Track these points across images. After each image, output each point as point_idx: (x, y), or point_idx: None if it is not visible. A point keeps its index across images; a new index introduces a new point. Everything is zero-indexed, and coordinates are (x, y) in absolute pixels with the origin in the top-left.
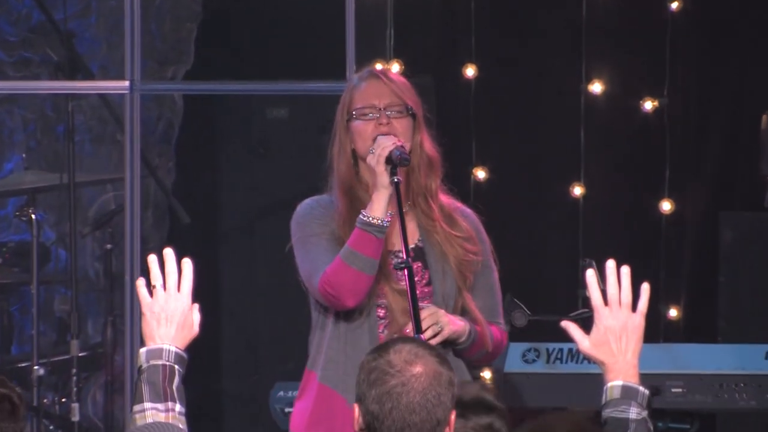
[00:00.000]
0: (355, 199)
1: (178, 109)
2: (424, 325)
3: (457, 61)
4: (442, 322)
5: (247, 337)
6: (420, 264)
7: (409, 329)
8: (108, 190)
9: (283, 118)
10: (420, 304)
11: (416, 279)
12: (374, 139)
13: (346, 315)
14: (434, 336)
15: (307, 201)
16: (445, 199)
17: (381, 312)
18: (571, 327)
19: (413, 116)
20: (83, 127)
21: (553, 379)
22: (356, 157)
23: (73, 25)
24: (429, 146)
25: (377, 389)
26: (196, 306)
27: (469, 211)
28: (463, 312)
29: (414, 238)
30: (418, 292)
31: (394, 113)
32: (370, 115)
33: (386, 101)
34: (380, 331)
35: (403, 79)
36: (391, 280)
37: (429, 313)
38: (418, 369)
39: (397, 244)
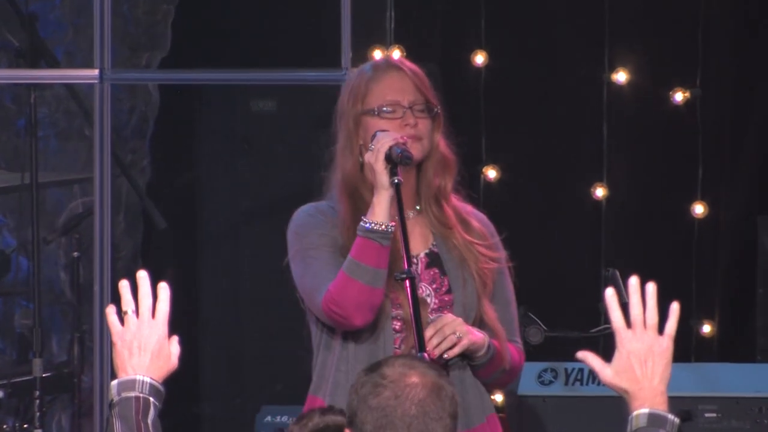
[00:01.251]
0: (360, 201)
1: (153, 100)
2: (438, 338)
3: (466, 48)
4: (461, 332)
5: (229, 356)
6: (437, 270)
7: (431, 334)
8: (75, 192)
9: (270, 111)
10: (439, 313)
11: (434, 287)
12: (373, 135)
13: (355, 332)
14: (452, 347)
15: (305, 207)
16: (456, 201)
17: (397, 325)
18: (589, 357)
19: (434, 117)
20: (47, 121)
21: (573, 402)
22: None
23: (36, 7)
24: (444, 146)
25: (370, 402)
26: (175, 338)
27: (482, 215)
28: (481, 325)
29: (428, 242)
30: (437, 301)
31: (420, 112)
32: (393, 113)
33: (411, 98)
34: (396, 346)
35: (422, 72)
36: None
37: (447, 322)
38: (413, 379)
39: (412, 249)
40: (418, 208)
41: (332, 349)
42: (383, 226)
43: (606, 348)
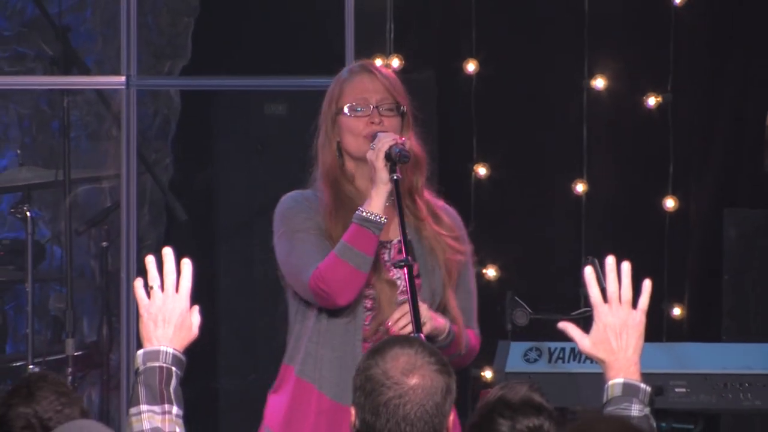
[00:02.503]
0: (340, 191)
1: (174, 104)
2: (405, 320)
3: (459, 57)
4: (426, 317)
5: (244, 336)
6: (409, 258)
7: (395, 318)
8: (104, 187)
9: (282, 114)
10: (401, 300)
11: (404, 271)
12: (374, 136)
13: (331, 310)
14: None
15: (291, 194)
16: (429, 196)
17: (368, 303)
18: (569, 327)
19: (403, 115)
20: (79, 123)
21: (556, 378)
22: (341, 150)
23: (68, 19)
24: (415, 145)
25: (373, 400)
26: (196, 308)
27: (452, 210)
28: (444, 311)
29: (399, 232)
30: (406, 284)
31: (385, 110)
32: (361, 110)
33: (378, 97)
34: (366, 323)
35: (393, 75)
36: (381, 271)
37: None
38: (414, 381)
39: (388, 235)
40: (393, 198)
41: (306, 321)
42: (378, 218)
43: (585, 329)
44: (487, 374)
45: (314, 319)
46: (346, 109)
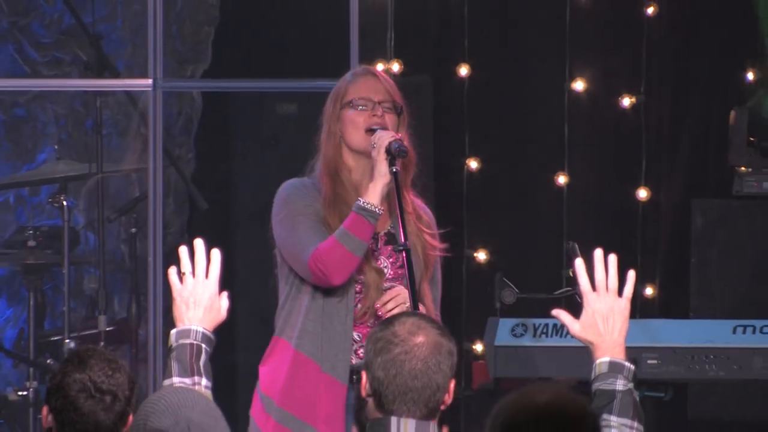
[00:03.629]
0: (339, 182)
1: (196, 105)
2: (393, 303)
3: (452, 62)
4: (403, 297)
5: (259, 314)
6: (391, 247)
7: (385, 300)
8: (133, 179)
9: (292, 113)
10: (392, 283)
11: (391, 261)
12: (374, 131)
13: (325, 290)
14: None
15: (291, 181)
16: (411, 195)
17: (358, 287)
18: (561, 314)
19: (399, 114)
20: (110, 122)
21: (540, 351)
22: (342, 144)
23: (101, 28)
24: (408, 142)
25: (383, 357)
26: (225, 294)
27: (428, 210)
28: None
29: (386, 224)
30: (392, 272)
31: (386, 108)
32: (363, 106)
33: (380, 97)
34: (355, 304)
35: (392, 81)
36: (370, 259)
37: (400, 292)
38: (420, 339)
39: (376, 227)
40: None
41: (300, 301)
42: (375, 208)
43: (568, 306)
44: (478, 347)
45: (309, 298)
46: (351, 105)
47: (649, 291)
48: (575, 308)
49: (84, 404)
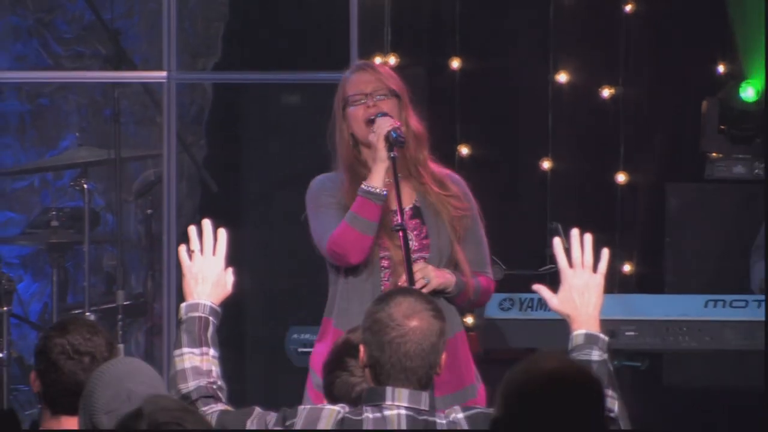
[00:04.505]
0: (356, 174)
1: (207, 95)
2: (416, 278)
3: (445, 55)
4: (430, 276)
5: (266, 289)
6: (418, 221)
7: (403, 280)
8: (148, 164)
9: (296, 103)
10: (415, 257)
11: (415, 233)
12: (373, 120)
13: (354, 271)
14: (423, 288)
15: (319, 177)
16: (436, 167)
17: (385, 263)
18: (541, 289)
19: (398, 97)
20: (127, 111)
21: (526, 323)
22: (355, 139)
23: (119, 24)
24: (415, 122)
25: (379, 338)
26: (231, 269)
27: (457, 176)
28: (456, 265)
29: (411, 200)
30: (417, 244)
31: (380, 97)
32: (361, 101)
33: (372, 87)
34: (385, 279)
35: (387, 69)
36: (394, 237)
37: (419, 268)
38: (414, 323)
39: (404, 202)
40: (400, 175)
41: (338, 283)
42: (378, 190)
43: (551, 282)
44: (469, 320)
45: (342, 280)
46: (349, 102)
47: (627, 268)
48: (557, 283)
49: (65, 365)
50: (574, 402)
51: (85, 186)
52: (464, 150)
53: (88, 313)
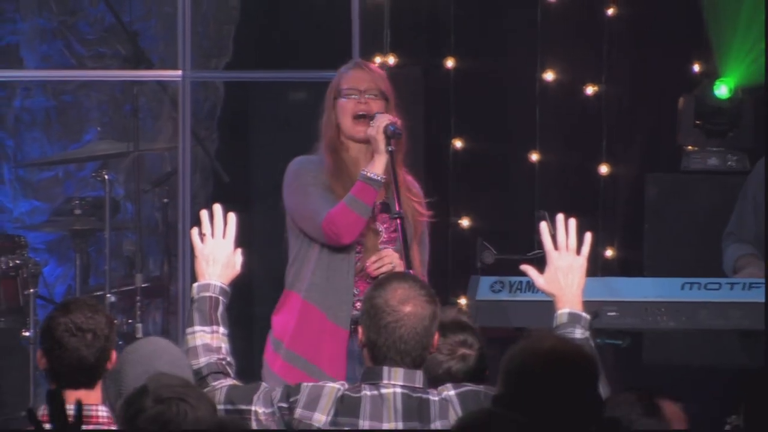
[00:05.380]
0: (339, 158)
1: (219, 92)
2: (378, 263)
3: (440, 55)
4: (395, 262)
5: (273, 272)
6: (386, 215)
7: (372, 260)
8: (165, 156)
9: (302, 99)
10: (385, 246)
11: (385, 226)
12: (361, 117)
13: (330, 248)
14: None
15: (300, 158)
16: (403, 170)
17: (358, 248)
18: (528, 269)
19: (386, 100)
20: (145, 107)
21: (515, 305)
22: (339, 128)
23: (137, 27)
24: (401, 126)
25: (376, 322)
26: (239, 251)
27: (416, 183)
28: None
29: (382, 196)
30: (386, 236)
31: (371, 96)
32: (354, 96)
33: (365, 86)
34: (356, 261)
35: (380, 71)
36: (370, 222)
37: (387, 254)
38: (408, 309)
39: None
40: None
41: (309, 258)
42: (379, 177)
43: (538, 266)
44: (462, 302)
45: (317, 256)
46: (342, 94)
47: (609, 253)
48: (544, 267)
49: (68, 342)
50: (571, 379)
51: (106, 177)
52: (458, 143)
53: (108, 295)
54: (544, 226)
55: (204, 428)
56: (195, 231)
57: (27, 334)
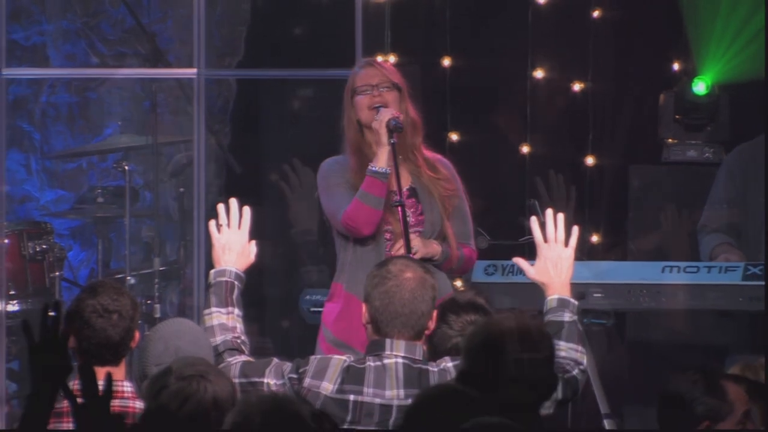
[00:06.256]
0: (362, 156)
1: (232, 89)
2: (403, 250)
3: (437, 54)
4: (417, 247)
5: (283, 256)
6: (414, 200)
7: (397, 248)
8: (181, 148)
9: (309, 95)
10: (412, 231)
11: (412, 210)
12: (377, 110)
13: (362, 242)
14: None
15: (328, 160)
16: (429, 152)
17: (388, 235)
18: (520, 262)
19: (399, 90)
20: (163, 103)
21: (507, 286)
22: (361, 125)
23: (156, 28)
24: (413, 112)
25: (379, 289)
26: (254, 242)
27: (446, 161)
28: (444, 237)
29: (408, 181)
30: (414, 220)
31: (384, 89)
32: (367, 91)
33: (377, 80)
34: (387, 249)
35: (390, 65)
36: (394, 213)
37: (410, 239)
38: (408, 274)
39: (394, 186)
40: (400, 157)
41: (347, 251)
42: (383, 170)
43: (528, 251)
44: (458, 283)
45: (352, 250)
46: (357, 92)
47: (594, 238)
48: (533, 251)
49: (96, 322)
50: (527, 354)
51: (126, 167)
52: (454, 136)
53: (128, 278)
54: (534, 220)
55: (223, 401)
56: (213, 222)
57: (53, 314)
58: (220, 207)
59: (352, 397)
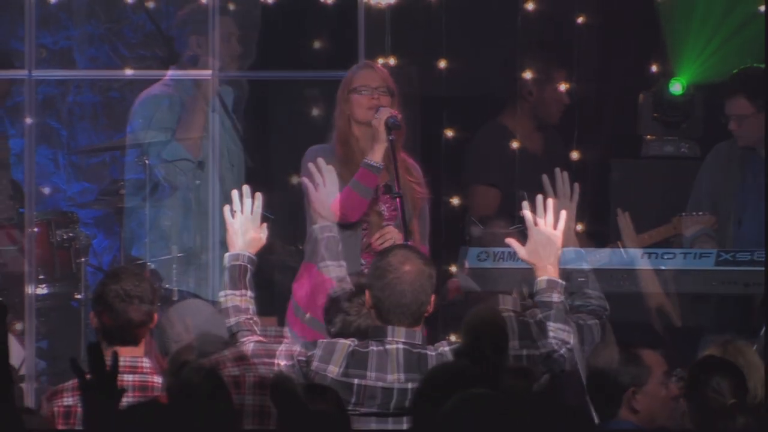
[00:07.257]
0: (349, 148)
1: (244, 89)
2: (381, 240)
3: (434, 57)
4: (396, 238)
5: (292, 245)
6: (388, 196)
7: (376, 237)
8: (198, 144)
9: (315, 95)
10: (387, 223)
11: (386, 205)
12: (377, 109)
13: (339, 226)
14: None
15: (314, 147)
16: (406, 156)
17: (364, 225)
18: (512, 242)
19: (392, 95)
20: (181, 102)
21: (498, 272)
22: (351, 119)
23: (174, 32)
24: (400, 117)
25: (380, 281)
26: (265, 225)
27: (417, 165)
28: (410, 233)
29: (385, 178)
30: (387, 215)
31: (381, 92)
32: (366, 92)
33: (377, 83)
34: (362, 238)
35: (385, 70)
36: (374, 204)
37: (388, 231)
38: (408, 267)
39: (386, 179)
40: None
41: None
42: (378, 164)
43: (520, 239)
44: (452, 269)
45: None
46: (356, 90)
47: (579, 227)
48: (524, 239)
49: (118, 306)
50: (499, 337)
51: (147, 161)
52: (449, 133)
53: (148, 263)
54: (526, 205)
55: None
56: (227, 208)
57: (79, 297)
58: (234, 193)
59: (356, 381)
